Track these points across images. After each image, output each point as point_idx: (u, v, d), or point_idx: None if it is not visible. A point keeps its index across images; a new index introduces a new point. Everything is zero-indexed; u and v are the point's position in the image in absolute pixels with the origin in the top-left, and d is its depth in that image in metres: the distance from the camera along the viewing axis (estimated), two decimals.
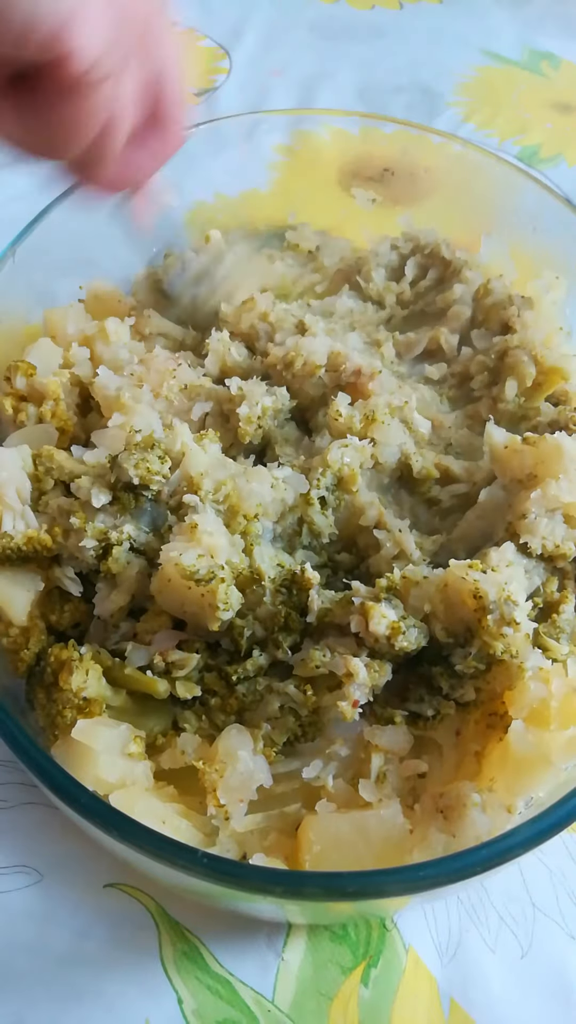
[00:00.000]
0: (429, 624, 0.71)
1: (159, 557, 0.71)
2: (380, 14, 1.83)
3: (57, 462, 0.79)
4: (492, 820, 0.64)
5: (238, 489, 0.76)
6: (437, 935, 0.73)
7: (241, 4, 1.82)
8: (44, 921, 0.72)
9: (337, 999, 0.69)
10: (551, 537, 0.74)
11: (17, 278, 0.96)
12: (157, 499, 0.76)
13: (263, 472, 0.78)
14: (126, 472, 0.73)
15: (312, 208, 1.19)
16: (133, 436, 0.76)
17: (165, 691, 0.71)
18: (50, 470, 0.79)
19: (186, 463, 0.76)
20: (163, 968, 0.70)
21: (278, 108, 1.54)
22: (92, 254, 1.04)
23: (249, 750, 0.68)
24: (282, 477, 0.78)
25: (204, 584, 0.69)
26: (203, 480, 0.76)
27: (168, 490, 0.76)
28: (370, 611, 0.69)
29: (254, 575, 0.73)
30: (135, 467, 0.73)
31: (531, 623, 0.70)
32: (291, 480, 0.78)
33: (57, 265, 1.03)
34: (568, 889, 0.75)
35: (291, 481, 0.78)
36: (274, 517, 0.77)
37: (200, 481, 0.76)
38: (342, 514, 0.79)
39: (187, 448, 0.77)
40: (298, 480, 0.78)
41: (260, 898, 0.59)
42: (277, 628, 0.72)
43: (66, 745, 0.66)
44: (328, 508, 0.78)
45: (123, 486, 0.75)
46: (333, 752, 0.71)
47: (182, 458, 0.77)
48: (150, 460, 0.74)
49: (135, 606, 0.76)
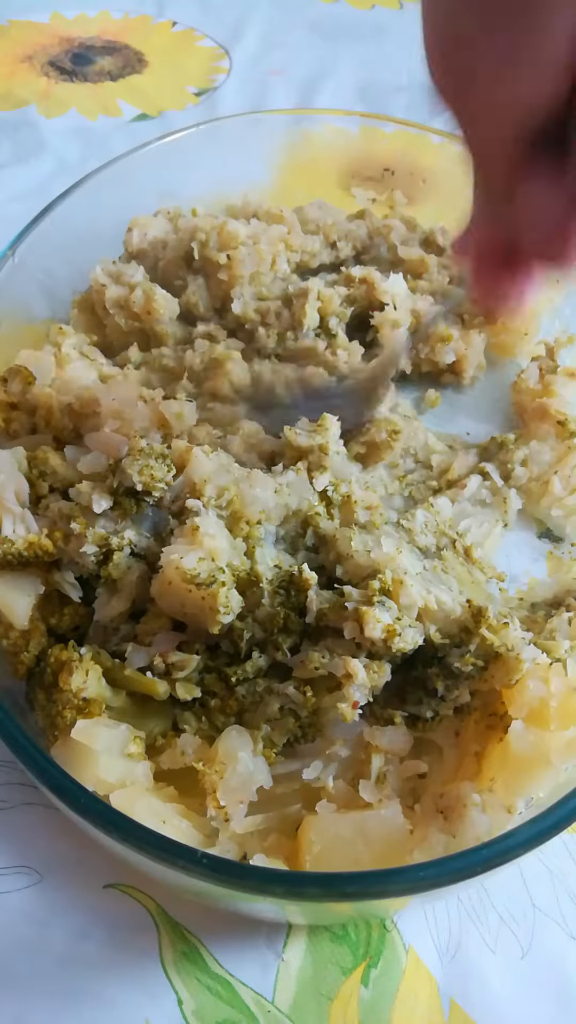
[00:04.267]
0: (423, 624, 0.71)
1: (160, 561, 0.71)
2: (380, 13, 1.83)
3: (51, 466, 0.79)
4: (492, 820, 0.64)
5: (241, 494, 0.76)
6: (437, 935, 0.72)
7: (241, 4, 1.83)
8: (43, 922, 0.72)
9: (337, 999, 0.69)
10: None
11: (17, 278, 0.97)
12: (159, 504, 0.76)
13: (266, 478, 0.78)
14: (129, 477, 0.73)
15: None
16: (137, 442, 0.76)
17: (165, 692, 0.71)
18: (44, 474, 0.79)
19: (190, 469, 0.76)
20: (163, 969, 0.70)
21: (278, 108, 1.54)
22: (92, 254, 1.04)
23: (249, 751, 0.68)
24: (286, 482, 0.78)
25: (205, 587, 0.69)
26: (206, 486, 0.76)
27: (170, 496, 0.76)
28: (364, 616, 0.69)
29: (252, 577, 0.73)
30: (139, 473, 0.73)
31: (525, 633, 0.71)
32: (295, 484, 0.78)
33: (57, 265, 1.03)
34: (568, 889, 0.75)
35: (295, 486, 0.78)
36: (277, 521, 0.77)
37: (203, 487, 0.76)
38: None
39: (191, 454, 0.77)
40: (302, 484, 0.78)
41: (260, 899, 0.59)
42: (276, 630, 0.72)
43: (66, 745, 0.66)
44: (335, 507, 0.78)
45: (125, 491, 0.74)
46: (333, 753, 0.71)
47: (185, 464, 0.77)
48: (154, 466, 0.74)
49: (135, 609, 0.76)
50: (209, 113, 1.55)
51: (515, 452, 0.92)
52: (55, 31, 1.72)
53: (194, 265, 1.01)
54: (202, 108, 1.57)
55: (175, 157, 1.13)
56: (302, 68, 1.67)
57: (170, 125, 1.49)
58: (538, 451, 0.92)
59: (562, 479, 0.89)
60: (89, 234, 1.04)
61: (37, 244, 0.98)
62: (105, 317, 1.00)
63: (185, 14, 1.80)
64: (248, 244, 0.99)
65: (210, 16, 1.79)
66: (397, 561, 0.72)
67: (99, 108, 1.55)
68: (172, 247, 1.03)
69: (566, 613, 0.78)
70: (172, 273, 1.03)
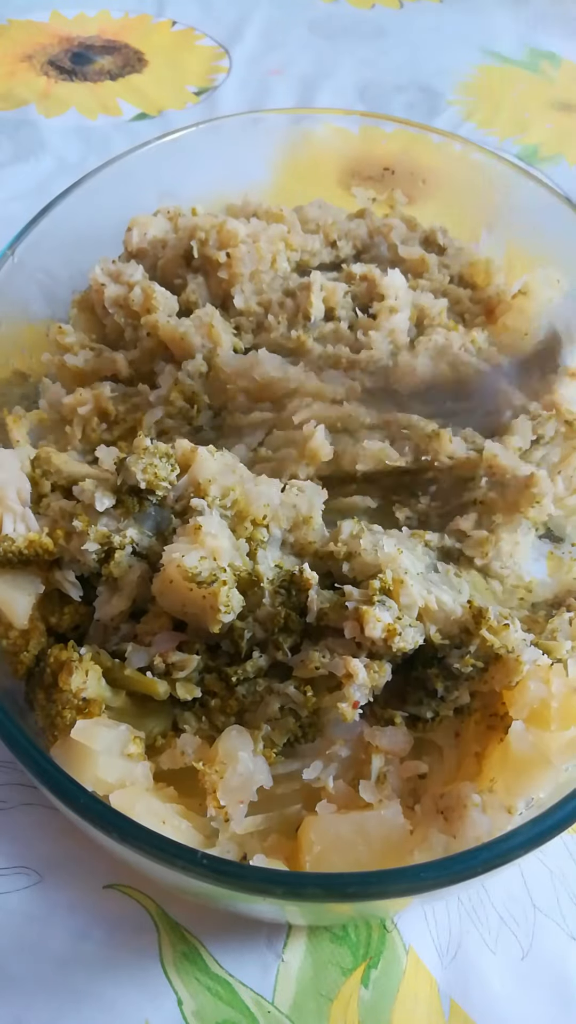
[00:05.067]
0: (423, 624, 0.71)
1: (161, 559, 0.71)
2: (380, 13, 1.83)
3: (55, 465, 0.79)
4: (492, 821, 0.64)
5: (246, 494, 0.76)
6: (437, 936, 0.72)
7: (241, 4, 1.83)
8: (43, 922, 0.71)
9: (337, 1000, 0.69)
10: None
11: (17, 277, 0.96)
12: (162, 503, 0.76)
13: (273, 480, 0.78)
14: (133, 476, 0.73)
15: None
16: (142, 440, 0.76)
17: (165, 692, 0.71)
18: (47, 473, 0.79)
19: (195, 469, 0.76)
20: (163, 969, 0.70)
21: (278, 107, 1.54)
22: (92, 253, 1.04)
23: (249, 751, 0.68)
24: (297, 485, 0.78)
25: (206, 586, 0.69)
26: (211, 486, 0.76)
27: (174, 495, 0.76)
28: (364, 616, 0.69)
29: (253, 577, 0.72)
30: (143, 472, 0.73)
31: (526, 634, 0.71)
32: (308, 488, 0.78)
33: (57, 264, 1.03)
34: (569, 890, 0.75)
35: (308, 490, 0.78)
36: (286, 525, 0.77)
37: (208, 487, 0.75)
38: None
39: (196, 454, 0.77)
40: (314, 489, 0.78)
41: (260, 899, 0.59)
42: (277, 629, 0.72)
43: (65, 745, 0.66)
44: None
45: (128, 489, 0.74)
46: (333, 753, 0.71)
47: (190, 463, 0.77)
48: (158, 465, 0.74)
49: (136, 608, 0.76)
50: (209, 112, 1.55)
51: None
52: (55, 30, 1.72)
53: (194, 264, 1.01)
54: (202, 107, 1.57)
55: (175, 156, 1.13)
56: (302, 67, 1.67)
57: (170, 124, 1.49)
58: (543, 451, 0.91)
59: (565, 479, 0.89)
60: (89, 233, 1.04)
61: (37, 243, 0.98)
62: (104, 316, 1.00)
63: (185, 13, 1.80)
64: (248, 243, 0.99)
65: (210, 16, 1.80)
66: (398, 561, 0.72)
67: (99, 107, 1.55)
68: (172, 246, 1.03)
69: (567, 613, 0.78)
70: (172, 272, 1.03)
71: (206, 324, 0.92)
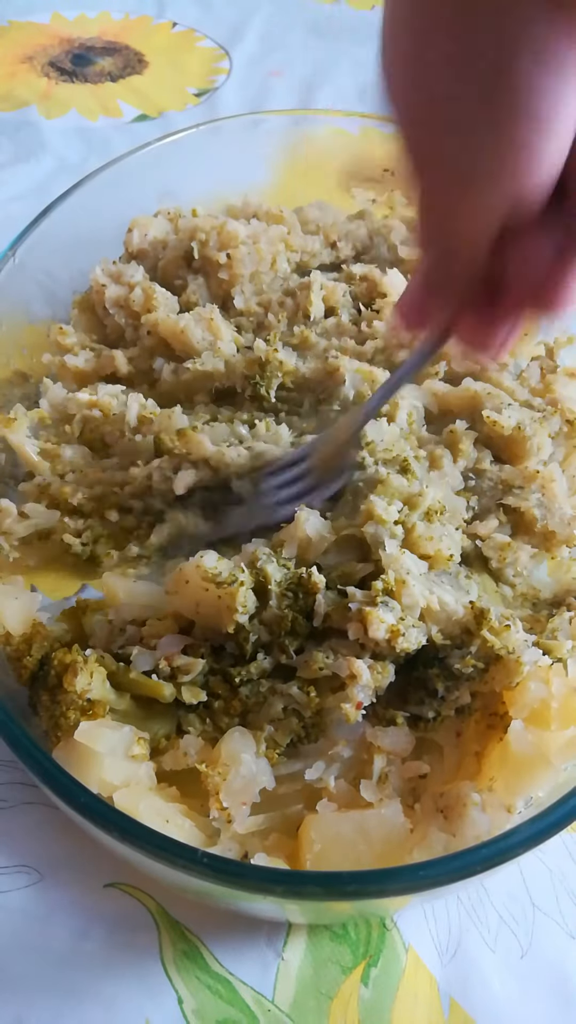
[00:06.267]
0: (425, 624, 0.71)
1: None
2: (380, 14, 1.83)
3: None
4: (492, 820, 0.64)
5: None
6: (437, 935, 0.73)
7: (241, 4, 1.83)
8: (44, 921, 0.72)
9: (337, 999, 0.69)
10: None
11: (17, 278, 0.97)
12: None
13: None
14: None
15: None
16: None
17: (170, 695, 0.70)
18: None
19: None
20: (163, 968, 0.70)
21: (278, 108, 1.54)
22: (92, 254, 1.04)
23: (252, 753, 0.68)
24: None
25: (225, 586, 0.69)
26: None
27: None
28: (368, 617, 0.69)
29: (261, 579, 0.73)
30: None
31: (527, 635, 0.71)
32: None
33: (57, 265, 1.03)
34: (568, 889, 0.75)
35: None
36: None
37: None
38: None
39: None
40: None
41: (261, 898, 0.59)
42: (283, 632, 0.72)
43: (69, 747, 0.66)
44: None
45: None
46: (336, 753, 0.71)
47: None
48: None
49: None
50: (209, 114, 1.55)
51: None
52: (55, 32, 1.73)
53: (194, 265, 1.02)
54: (202, 109, 1.57)
55: (175, 158, 1.13)
56: (302, 69, 1.67)
57: (170, 126, 1.49)
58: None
59: (568, 478, 0.89)
60: (89, 234, 1.04)
61: (37, 244, 0.98)
62: (105, 317, 1.00)
63: (185, 15, 1.80)
64: (248, 244, 0.99)
65: (210, 17, 1.80)
66: (400, 561, 0.72)
67: (99, 109, 1.55)
68: (172, 247, 1.04)
69: (567, 613, 0.78)
70: (172, 273, 1.03)
71: (206, 318, 0.93)
